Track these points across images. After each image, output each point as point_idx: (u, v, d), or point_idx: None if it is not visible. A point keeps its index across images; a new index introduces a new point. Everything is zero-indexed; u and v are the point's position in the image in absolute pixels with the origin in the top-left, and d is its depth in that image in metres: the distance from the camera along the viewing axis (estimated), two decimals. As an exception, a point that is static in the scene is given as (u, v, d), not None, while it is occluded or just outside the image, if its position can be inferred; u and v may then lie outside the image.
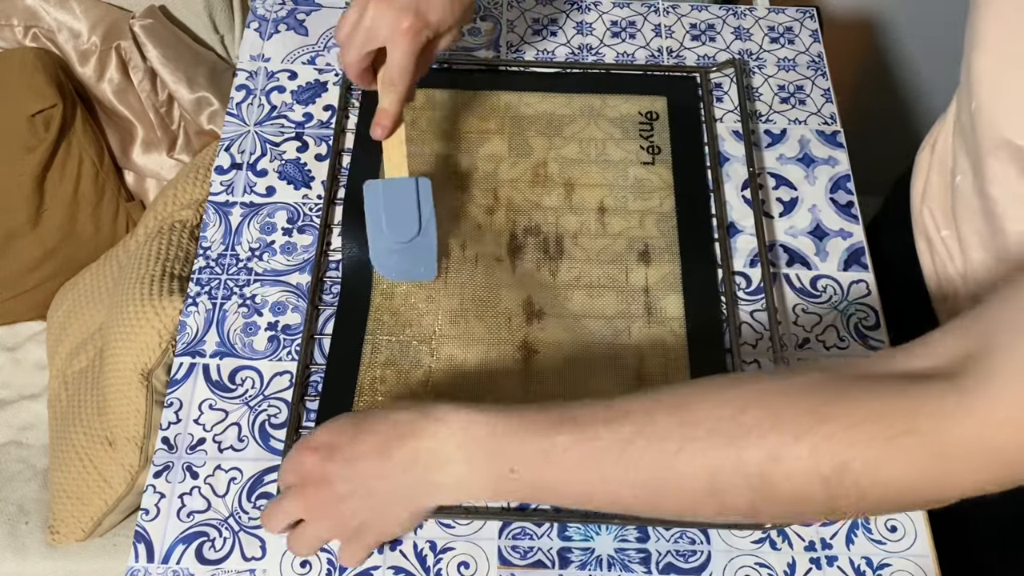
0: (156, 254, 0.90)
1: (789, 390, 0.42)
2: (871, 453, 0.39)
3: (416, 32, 0.56)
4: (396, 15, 0.56)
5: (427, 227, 0.63)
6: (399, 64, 0.58)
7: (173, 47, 1.10)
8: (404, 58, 0.57)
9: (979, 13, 0.52)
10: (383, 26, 0.57)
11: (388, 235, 0.63)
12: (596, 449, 0.44)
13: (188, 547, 0.58)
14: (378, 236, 0.64)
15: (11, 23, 1.11)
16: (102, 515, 0.90)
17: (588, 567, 0.58)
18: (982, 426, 0.38)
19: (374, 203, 0.64)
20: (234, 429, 0.62)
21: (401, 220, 0.63)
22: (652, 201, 0.72)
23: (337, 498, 0.50)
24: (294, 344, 0.66)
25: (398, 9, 0.56)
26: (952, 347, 0.41)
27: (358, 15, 0.57)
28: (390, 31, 0.57)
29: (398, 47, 0.57)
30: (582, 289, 0.68)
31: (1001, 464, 0.39)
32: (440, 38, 0.59)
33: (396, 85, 0.59)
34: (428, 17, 0.57)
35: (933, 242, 0.66)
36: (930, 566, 0.58)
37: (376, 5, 0.56)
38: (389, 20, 0.56)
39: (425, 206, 0.63)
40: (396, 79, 0.58)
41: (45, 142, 1.08)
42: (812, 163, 0.76)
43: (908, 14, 1.24)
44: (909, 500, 0.42)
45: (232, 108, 0.78)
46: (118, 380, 0.85)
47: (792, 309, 0.68)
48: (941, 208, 0.65)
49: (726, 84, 0.80)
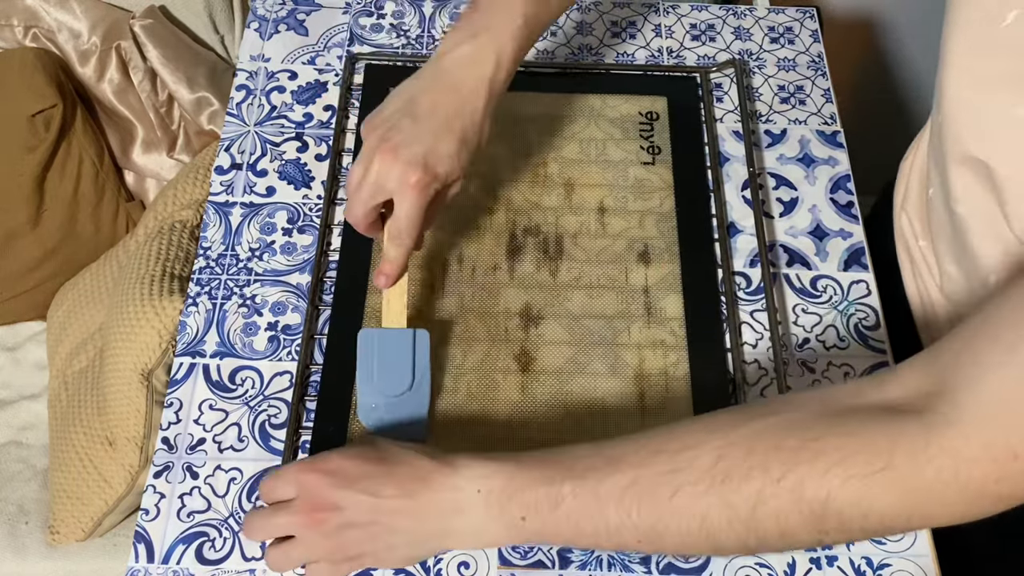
0: (156, 254, 0.90)
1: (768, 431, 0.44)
2: (851, 490, 0.41)
3: (424, 186, 0.55)
4: (403, 169, 0.54)
5: (420, 382, 0.60)
6: (407, 217, 0.56)
7: (173, 47, 1.10)
8: (412, 212, 0.56)
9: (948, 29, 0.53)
10: (391, 179, 0.55)
11: (378, 387, 0.59)
12: (597, 498, 0.46)
13: (188, 547, 0.58)
14: (368, 387, 0.60)
15: (11, 23, 1.11)
16: (102, 515, 0.90)
17: (588, 567, 0.58)
18: (955, 464, 0.40)
19: (367, 352, 0.60)
20: (234, 429, 0.62)
21: (393, 373, 0.59)
22: (652, 201, 0.72)
23: (345, 524, 0.50)
24: (294, 344, 0.66)
25: (405, 163, 0.54)
26: (920, 380, 0.43)
27: (364, 169, 0.56)
28: (398, 184, 0.55)
29: (406, 201, 0.55)
30: (582, 289, 0.68)
31: (976, 497, 0.41)
32: (448, 188, 0.58)
33: (403, 238, 0.57)
34: (436, 170, 0.55)
35: (912, 252, 0.66)
36: (930, 566, 0.58)
37: (382, 158, 0.55)
38: (396, 174, 0.54)
39: (420, 360, 0.60)
40: (403, 232, 0.57)
41: (45, 142, 1.08)
42: (812, 163, 0.76)
43: (908, 14, 1.24)
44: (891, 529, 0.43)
45: (232, 108, 0.78)
46: (118, 380, 0.85)
47: (792, 309, 0.68)
48: (919, 217, 0.66)
49: (726, 84, 0.80)
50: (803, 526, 0.43)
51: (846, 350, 0.66)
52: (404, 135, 0.54)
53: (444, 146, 0.55)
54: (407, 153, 0.54)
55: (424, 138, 0.54)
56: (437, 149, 0.55)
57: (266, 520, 0.52)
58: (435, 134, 0.54)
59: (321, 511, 0.50)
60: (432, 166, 0.55)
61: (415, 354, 0.60)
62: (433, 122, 0.55)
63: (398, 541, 0.51)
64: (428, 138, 0.54)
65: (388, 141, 0.55)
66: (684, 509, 0.44)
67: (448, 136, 0.55)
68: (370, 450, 0.52)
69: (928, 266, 0.64)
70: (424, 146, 0.54)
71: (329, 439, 0.61)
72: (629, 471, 0.46)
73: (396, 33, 0.83)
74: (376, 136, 0.55)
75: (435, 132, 0.55)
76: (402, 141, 0.54)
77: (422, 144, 0.54)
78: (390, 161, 0.54)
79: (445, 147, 0.55)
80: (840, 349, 0.66)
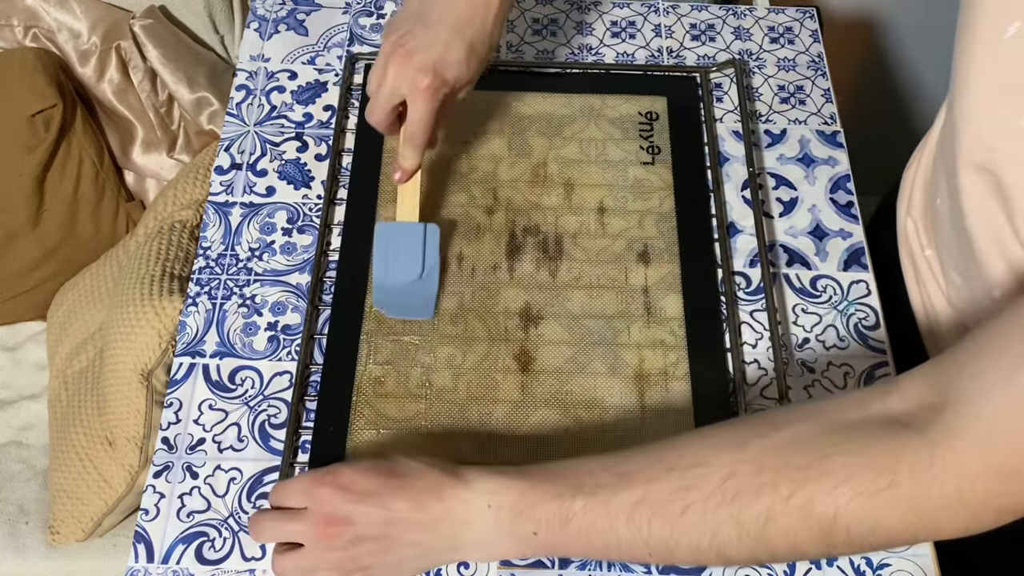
0: (156, 254, 0.90)
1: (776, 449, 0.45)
2: (858, 507, 0.42)
3: (434, 91, 0.58)
4: (414, 75, 0.58)
5: (430, 272, 0.64)
6: (419, 120, 0.60)
7: (173, 47, 1.10)
8: (424, 114, 0.59)
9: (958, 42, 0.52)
10: (403, 84, 0.59)
11: (391, 275, 0.64)
12: (607, 514, 0.47)
13: (188, 547, 0.58)
14: (381, 275, 0.64)
15: (11, 23, 1.11)
16: (102, 515, 0.90)
17: (588, 567, 0.58)
18: (959, 480, 0.41)
19: (382, 243, 0.64)
20: (234, 429, 0.62)
21: (405, 262, 0.64)
22: (652, 201, 0.72)
23: (356, 538, 0.51)
24: (294, 344, 0.66)
25: (416, 69, 0.58)
26: (924, 392, 0.44)
27: (381, 73, 0.60)
28: (410, 88, 0.58)
29: (417, 105, 0.59)
30: (581, 289, 0.68)
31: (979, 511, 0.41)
32: (457, 92, 0.61)
33: (416, 139, 0.61)
34: (445, 75, 0.58)
35: (916, 259, 0.66)
36: (930, 566, 0.58)
37: (396, 62, 0.58)
38: (408, 79, 0.58)
39: (431, 251, 0.64)
40: (416, 134, 0.61)
41: (45, 142, 1.08)
42: (812, 163, 0.76)
43: (908, 14, 1.24)
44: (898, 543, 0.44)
45: (232, 108, 0.78)
46: (118, 380, 0.85)
47: (792, 309, 0.68)
48: (924, 225, 0.66)
49: (726, 84, 0.80)
50: (812, 542, 0.44)
51: (846, 350, 0.66)
52: (417, 41, 0.57)
53: (454, 53, 0.57)
54: (419, 59, 0.57)
55: (435, 45, 0.57)
56: (447, 56, 0.57)
57: (277, 525, 0.52)
58: (445, 42, 0.57)
59: (333, 525, 0.51)
60: (441, 72, 0.58)
61: (426, 245, 0.64)
62: (444, 29, 0.57)
63: (408, 554, 0.51)
64: (439, 45, 0.57)
65: (402, 47, 0.58)
66: (695, 525, 0.45)
67: (458, 43, 0.57)
68: (382, 463, 0.53)
69: (933, 274, 0.64)
70: (435, 52, 0.57)
71: (329, 439, 0.61)
72: (639, 487, 0.47)
73: (396, 33, 0.83)
74: (391, 41, 0.58)
75: (446, 39, 0.57)
76: (415, 47, 0.57)
77: (432, 51, 0.57)
78: (403, 66, 0.58)
79: (455, 54, 0.57)
80: (840, 349, 0.66)
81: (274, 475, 0.60)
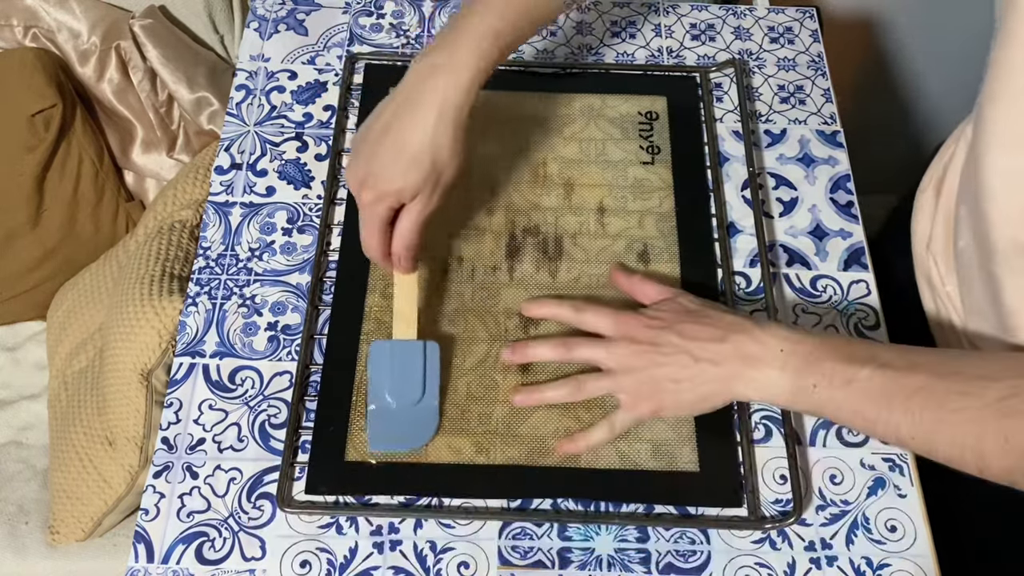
0: (156, 254, 0.90)
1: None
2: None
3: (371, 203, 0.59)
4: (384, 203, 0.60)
5: (430, 393, 0.62)
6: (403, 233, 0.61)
7: (173, 47, 1.10)
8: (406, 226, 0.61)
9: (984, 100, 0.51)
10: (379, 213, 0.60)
11: (390, 399, 0.61)
12: (888, 389, 0.50)
13: (188, 547, 0.58)
14: (379, 398, 0.61)
15: (11, 23, 1.11)
16: (102, 515, 0.90)
17: (588, 567, 0.58)
18: None
19: (379, 363, 0.62)
20: (234, 429, 0.62)
21: (405, 383, 0.61)
22: (652, 201, 0.72)
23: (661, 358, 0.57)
24: (294, 344, 0.66)
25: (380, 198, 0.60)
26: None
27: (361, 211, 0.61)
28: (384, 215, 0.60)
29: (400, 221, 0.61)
30: (581, 289, 0.68)
31: None
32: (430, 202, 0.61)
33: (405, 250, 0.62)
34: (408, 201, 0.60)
35: (936, 288, 0.65)
36: (930, 566, 0.58)
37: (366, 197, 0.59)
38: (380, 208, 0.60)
39: (431, 373, 0.62)
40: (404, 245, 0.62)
41: (45, 142, 1.08)
42: (812, 163, 0.76)
43: (908, 14, 1.23)
44: None
45: (232, 108, 0.78)
46: (118, 380, 0.85)
47: (792, 309, 0.68)
48: (945, 262, 0.64)
49: (726, 84, 0.80)
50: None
51: (846, 350, 0.66)
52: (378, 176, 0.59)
53: (413, 180, 0.58)
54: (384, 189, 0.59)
55: (395, 178, 0.58)
56: (407, 186, 0.59)
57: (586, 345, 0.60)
58: (404, 173, 0.58)
59: (636, 344, 0.57)
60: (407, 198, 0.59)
61: (426, 366, 0.62)
62: (403, 159, 0.58)
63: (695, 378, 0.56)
64: (398, 178, 0.58)
65: (365, 184, 0.59)
66: (963, 425, 0.47)
67: (415, 170, 0.58)
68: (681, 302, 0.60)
69: (954, 307, 0.63)
70: (396, 184, 0.58)
71: (329, 439, 0.61)
72: (923, 376, 0.49)
73: (396, 33, 0.83)
74: (357, 180, 0.59)
75: (404, 170, 0.58)
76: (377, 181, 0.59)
77: (394, 183, 0.58)
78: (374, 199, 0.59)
79: (414, 181, 0.58)
80: (840, 349, 0.66)
81: (274, 475, 0.60)
